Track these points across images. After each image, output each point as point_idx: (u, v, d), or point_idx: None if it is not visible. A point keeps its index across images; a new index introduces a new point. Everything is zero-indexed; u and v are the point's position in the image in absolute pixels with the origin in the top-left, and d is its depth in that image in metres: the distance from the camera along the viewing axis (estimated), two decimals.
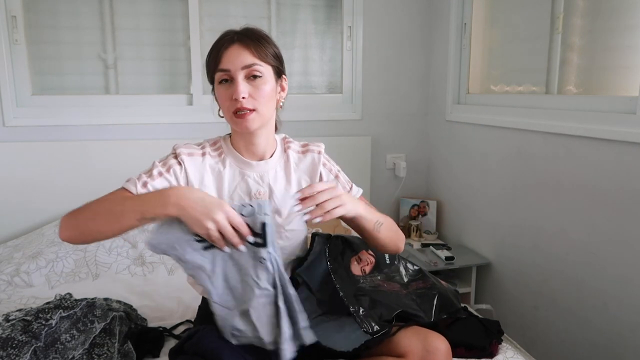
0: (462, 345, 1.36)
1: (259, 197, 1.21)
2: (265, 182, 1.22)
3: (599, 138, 1.71)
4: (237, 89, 1.11)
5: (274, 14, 2.65)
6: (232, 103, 1.12)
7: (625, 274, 1.65)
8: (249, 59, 1.12)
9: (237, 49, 1.12)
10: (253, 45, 1.13)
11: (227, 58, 1.12)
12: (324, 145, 1.31)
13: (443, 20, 2.68)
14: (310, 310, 1.30)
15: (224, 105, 1.15)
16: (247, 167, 1.21)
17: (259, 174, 1.22)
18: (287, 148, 1.28)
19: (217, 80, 1.14)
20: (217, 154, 1.22)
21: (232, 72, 1.12)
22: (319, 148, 1.30)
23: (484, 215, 2.41)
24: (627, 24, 1.74)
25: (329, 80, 2.80)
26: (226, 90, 1.13)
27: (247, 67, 1.12)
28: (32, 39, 2.36)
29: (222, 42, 1.14)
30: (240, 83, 1.11)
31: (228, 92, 1.13)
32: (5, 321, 1.36)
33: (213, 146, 1.24)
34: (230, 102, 1.12)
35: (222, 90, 1.14)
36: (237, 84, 1.11)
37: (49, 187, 2.32)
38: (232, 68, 1.11)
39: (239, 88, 1.11)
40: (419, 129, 2.90)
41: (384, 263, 1.46)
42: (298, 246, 1.30)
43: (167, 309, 1.67)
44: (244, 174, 1.21)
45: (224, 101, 1.14)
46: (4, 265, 1.95)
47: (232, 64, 1.11)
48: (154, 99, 2.52)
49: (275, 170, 1.23)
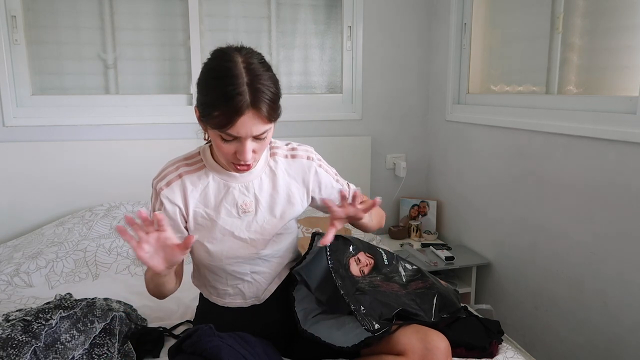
0: (462, 345, 1.36)
1: (245, 208, 1.20)
2: (251, 192, 1.21)
3: (599, 138, 1.71)
4: (245, 154, 1.05)
5: (274, 14, 2.65)
6: (234, 157, 1.08)
7: (625, 274, 1.65)
8: (261, 128, 1.04)
9: (251, 118, 1.02)
10: (266, 112, 1.03)
11: (239, 127, 1.01)
12: (312, 148, 1.30)
13: (443, 20, 2.68)
14: (309, 308, 1.31)
15: (222, 152, 1.09)
16: (231, 178, 1.19)
17: (244, 184, 1.20)
18: (274, 154, 1.25)
19: (221, 135, 1.05)
20: (197, 168, 1.19)
21: (242, 138, 1.05)
22: (308, 153, 1.27)
23: (484, 215, 2.41)
24: (627, 24, 1.74)
25: (328, 80, 2.80)
26: (230, 146, 1.06)
27: (258, 135, 1.06)
28: (32, 39, 2.36)
29: (235, 106, 1.00)
30: (248, 149, 1.05)
31: (231, 147, 1.06)
32: (5, 321, 1.36)
33: (189, 160, 1.20)
34: (232, 155, 1.08)
35: (224, 145, 1.07)
36: (245, 150, 1.05)
37: (49, 187, 2.32)
38: (243, 135, 1.03)
39: (247, 154, 1.06)
40: (419, 129, 2.90)
41: (382, 264, 1.46)
42: (290, 247, 1.31)
43: (167, 309, 1.67)
44: (228, 186, 1.19)
45: (224, 152, 1.08)
46: (4, 265, 1.95)
47: (245, 132, 1.03)
48: (153, 99, 2.52)
49: (260, 179, 1.22)
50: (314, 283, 1.34)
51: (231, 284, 1.26)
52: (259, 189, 1.21)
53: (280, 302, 1.30)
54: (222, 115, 1.01)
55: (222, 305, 1.29)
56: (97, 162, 2.37)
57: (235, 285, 1.27)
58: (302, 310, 1.29)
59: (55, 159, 2.33)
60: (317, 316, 1.30)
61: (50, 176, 2.32)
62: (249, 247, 1.22)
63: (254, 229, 1.22)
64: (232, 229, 1.19)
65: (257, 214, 1.22)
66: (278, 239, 1.25)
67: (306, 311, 1.30)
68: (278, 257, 1.28)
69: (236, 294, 1.28)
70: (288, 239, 1.29)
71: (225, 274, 1.25)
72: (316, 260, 1.34)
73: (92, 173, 2.37)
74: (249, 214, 1.21)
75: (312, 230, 2.21)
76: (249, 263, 1.24)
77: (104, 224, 2.18)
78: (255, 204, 1.21)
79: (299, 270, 1.31)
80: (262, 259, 1.25)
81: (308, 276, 1.34)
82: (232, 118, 1.00)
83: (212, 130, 1.06)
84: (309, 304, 1.32)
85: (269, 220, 1.23)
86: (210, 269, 1.26)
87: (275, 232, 1.24)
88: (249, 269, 1.25)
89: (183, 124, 2.50)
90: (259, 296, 1.29)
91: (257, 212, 1.22)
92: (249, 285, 1.27)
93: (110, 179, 2.39)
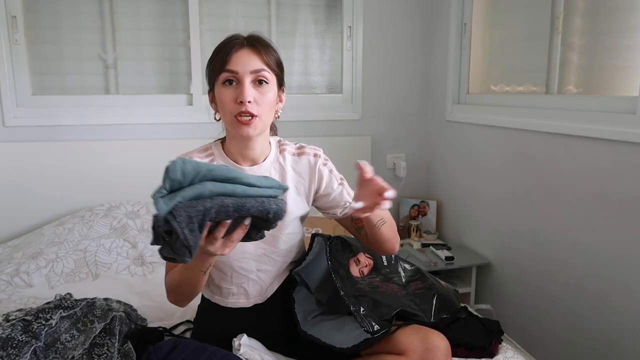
0: (462, 345, 1.36)
1: None
2: None
3: (599, 138, 1.71)
4: (244, 92, 1.10)
5: (274, 14, 2.65)
6: (236, 106, 1.11)
7: (625, 274, 1.65)
8: (257, 64, 1.12)
9: (247, 52, 1.12)
10: (262, 51, 1.13)
11: (236, 60, 1.11)
12: (321, 150, 1.30)
13: (443, 20, 2.68)
14: (309, 309, 1.31)
15: (226, 106, 1.13)
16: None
17: None
18: (282, 150, 1.27)
19: (222, 80, 1.13)
20: (208, 161, 1.21)
21: (240, 75, 1.11)
22: (315, 151, 1.28)
23: (484, 215, 2.41)
24: (627, 24, 1.74)
25: (329, 80, 2.80)
26: (231, 91, 1.12)
27: (255, 72, 1.12)
28: (32, 39, 2.36)
29: (231, 44, 1.13)
30: (247, 87, 1.11)
31: (233, 94, 1.12)
32: (5, 321, 1.36)
33: (202, 152, 1.23)
34: (234, 104, 1.11)
35: (225, 92, 1.12)
36: (244, 87, 1.11)
37: (49, 187, 2.32)
38: (240, 70, 1.11)
39: (246, 91, 1.10)
40: (419, 129, 2.90)
41: (381, 265, 1.46)
42: (295, 248, 1.31)
43: (167, 309, 1.66)
44: None
45: (227, 102, 1.12)
46: (4, 265, 1.95)
47: (242, 66, 1.11)
48: (154, 99, 2.52)
49: (269, 174, 1.23)
50: (313, 284, 1.34)
51: (236, 282, 1.26)
52: None
53: (281, 303, 1.30)
54: (221, 56, 1.12)
55: (225, 306, 1.29)
56: (97, 162, 2.37)
57: (240, 284, 1.27)
58: (302, 312, 1.29)
59: (55, 159, 2.33)
60: (316, 317, 1.30)
61: (50, 176, 2.32)
62: (256, 244, 1.22)
63: None
64: None
65: None
66: (286, 238, 1.25)
67: (306, 312, 1.30)
68: (283, 256, 1.28)
69: (240, 293, 1.28)
70: (295, 239, 1.29)
71: (232, 271, 1.25)
72: (316, 261, 1.34)
73: (92, 173, 2.37)
74: None
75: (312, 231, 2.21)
76: (256, 260, 1.24)
77: (104, 224, 2.18)
78: None
79: (298, 271, 1.31)
80: (269, 256, 1.25)
81: (308, 277, 1.34)
82: (228, 53, 1.11)
83: (217, 83, 1.13)
84: (308, 305, 1.32)
85: None
86: (216, 266, 1.26)
87: (285, 229, 1.24)
88: (255, 266, 1.25)
89: (183, 124, 2.50)
90: (262, 295, 1.29)
91: None
92: (253, 284, 1.27)
93: (110, 179, 2.39)
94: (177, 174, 0.87)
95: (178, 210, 0.85)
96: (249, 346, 1.21)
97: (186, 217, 0.86)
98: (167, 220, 0.85)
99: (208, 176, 0.90)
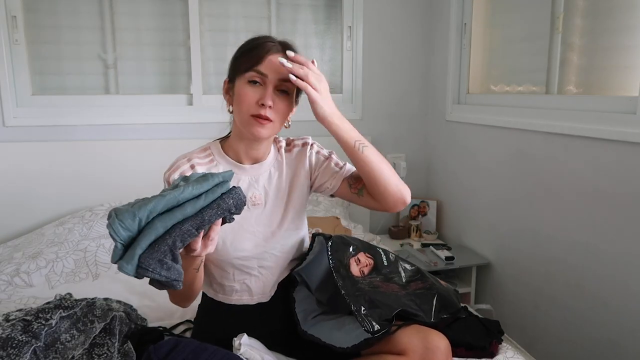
0: (462, 345, 1.36)
1: (254, 200, 1.22)
2: (261, 184, 1.24)
3: (599, 138, 1.71)
4: (267, 96, 1.11)
5: (274, 14, 2.65)
6: (256, 107, 1.12)
7: (625, 274, 1.65)
8: (286, 74, 1.10)
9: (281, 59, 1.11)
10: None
11: (269, 63, 1.11)
12: (309, 137, 1.33)
13: (443, 20, 2.68)
14: (309, 309, 1.31)
15: (245, 103, 1.13)
16: (241, 171, 1.23)
17: (254, 177, 1.23)
18: (279, 148, 1.30)
19: (248, 78, 1.13)
20: (208, 161, 1.22)
21: (269, 79, 1.12)
22: (302, 140, 1.32)
23: (484, 215, 2.41)
24: (627, 24, 1.74)
25: (329, 80, 2.75)
26: (254, 91, 1.12)
27: (283, 81, 1.12)
28: (32, 39, 2.36)
29: (267, 47, 1.13)
30: (271, 92, 1.12)
31: (256, 94, 1.12)
32: (5, 321, 1.36)
33: (202, 153, 1.23)
34: (254, 105, 1.12)
35: (249, 90, 1.13)
36: (268, 92, 1.11)
37: (49, 187, 2.32)
38: (270, 75, 1.11)
39: (269, 96, 1.11)
40: (419, 129, 2.90)
41: (382, 265, 1.46)
42: (297, 244, 1.31)
43: (167, 309, 1.66)
44: (238, 179, 1.22)
45: (247, 100, 1.12)
46: (4, 265, 1.95)
47: (273, 71, 1.11)
48: (154, 99, 2.52)
49: (269, 172, 1.25)
50: (314, 284, 1.34)
51: (238, 279, 1.26)
52: (268, 182, 1.24)
53: (284, 301, 1.30)
54: (254, 55, 1.12)
55: (228, 304, 1.29)
56: (97, 162, 2.37)
57: (242, 281, 1.27)
58: (302, 312, 1.29)
59: (55, 159, 2.33)
60: (317, 317, 1.30)
61: (50, 176, 2.32)
62: (257, 240, 1.23)
63: (263, 222, 1.23)
64: (241, 221, 1.20)
65: (266, 207, 1.24)
66: (287, 235, 1.26)
67: (306, 312, 1.30)
68: (285, 253, 1.28)
69: (243, 290, 1.28)
70: (296, 236, 1.29)
71: (233, 268, 1.25)
72: (316, 261, 1.34)
73: (92, 173, 2.37)
74: (259, 206, 1.23)
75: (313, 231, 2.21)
76: (257, 257, 1.25)
77: (104, 224, 2.18)
78: (265, 197, 1.24)
79: (299, 271, 1.31)
80: (270, 253, 1.26)
81: (308, 277, 1.34)
82: (262, 55, 1.12)
83: (240, 78, 1.13)
84: (309, 304, 1.32)
85: (277, 213, 1.25)
86: (218, 264, 1.26)
87: (284, 225, 1.25)
88: (256, 263, 1.25)
89: (183, 124, 2.50)
90: (266, 292, 1.29)
91: (267, 205, 1.24)
92: (256, 280, 1.27)
93: (110, 179, 2.39)
94: (121, 233, 0.86)
95: (145, 260, 0.86)
96: (250, 346, 1.20)
97: (156, 262, 0.86)
98: (141, 275, 0.86)
99: (151, 215, 0.89)
